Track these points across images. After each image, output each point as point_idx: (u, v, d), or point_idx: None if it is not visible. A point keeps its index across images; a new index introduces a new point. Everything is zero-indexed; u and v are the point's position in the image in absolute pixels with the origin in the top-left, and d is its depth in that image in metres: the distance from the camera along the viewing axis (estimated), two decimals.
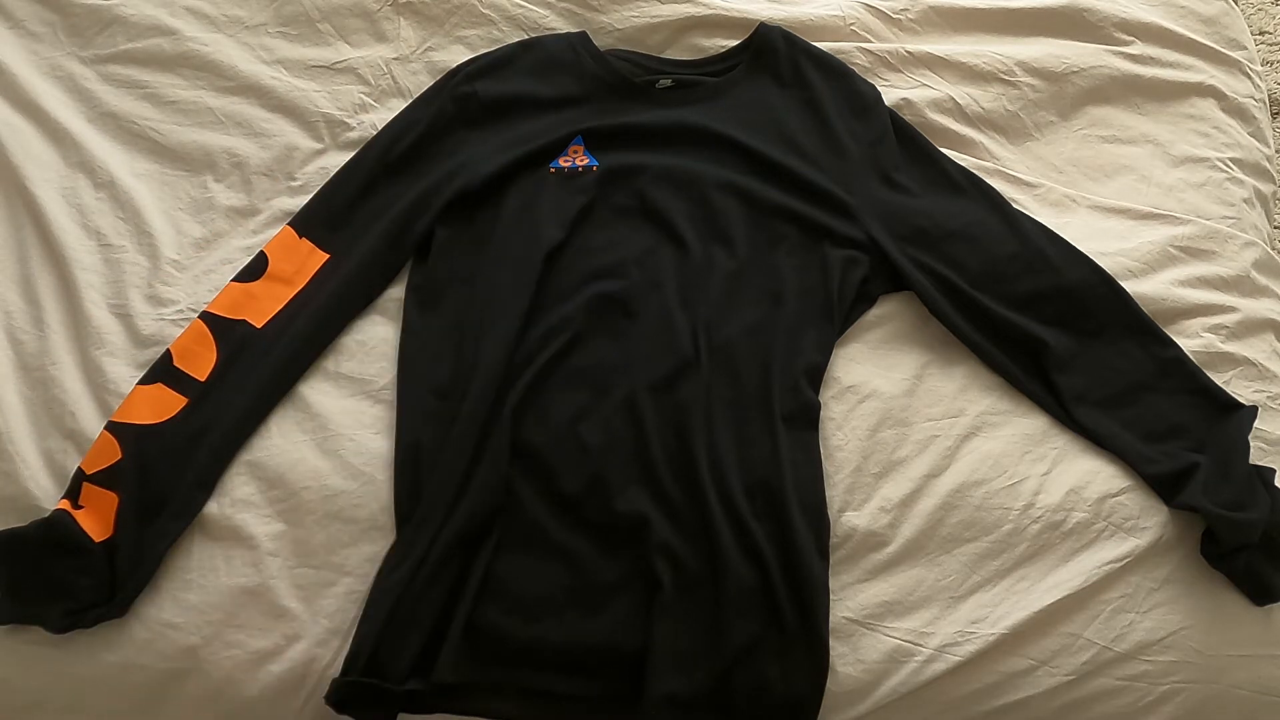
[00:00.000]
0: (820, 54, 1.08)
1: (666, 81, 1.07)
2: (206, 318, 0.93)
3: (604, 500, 0.85)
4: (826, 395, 0.92)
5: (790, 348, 0.91)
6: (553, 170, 1.00)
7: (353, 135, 1.06)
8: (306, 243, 0.98)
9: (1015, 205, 1.02)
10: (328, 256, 0.97)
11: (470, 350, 0.91)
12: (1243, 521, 0.83)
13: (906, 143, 1.04)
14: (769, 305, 0.93)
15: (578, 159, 1.00)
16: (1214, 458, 0.88)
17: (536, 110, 1.04)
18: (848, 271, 0.95)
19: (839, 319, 0.94)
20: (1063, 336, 0.93)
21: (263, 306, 0.94)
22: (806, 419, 0.89)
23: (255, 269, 0.96)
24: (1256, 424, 0.91)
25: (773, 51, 1.08)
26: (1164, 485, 0.88)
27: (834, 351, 0.94)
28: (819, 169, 1.00)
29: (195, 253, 1.00)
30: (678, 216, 0.97)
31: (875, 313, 0.97)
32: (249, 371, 0.91)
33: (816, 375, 0.92)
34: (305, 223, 0.99)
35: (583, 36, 1.09)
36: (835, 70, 1.07)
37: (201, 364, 0.90)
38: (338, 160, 1.04)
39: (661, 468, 0.86)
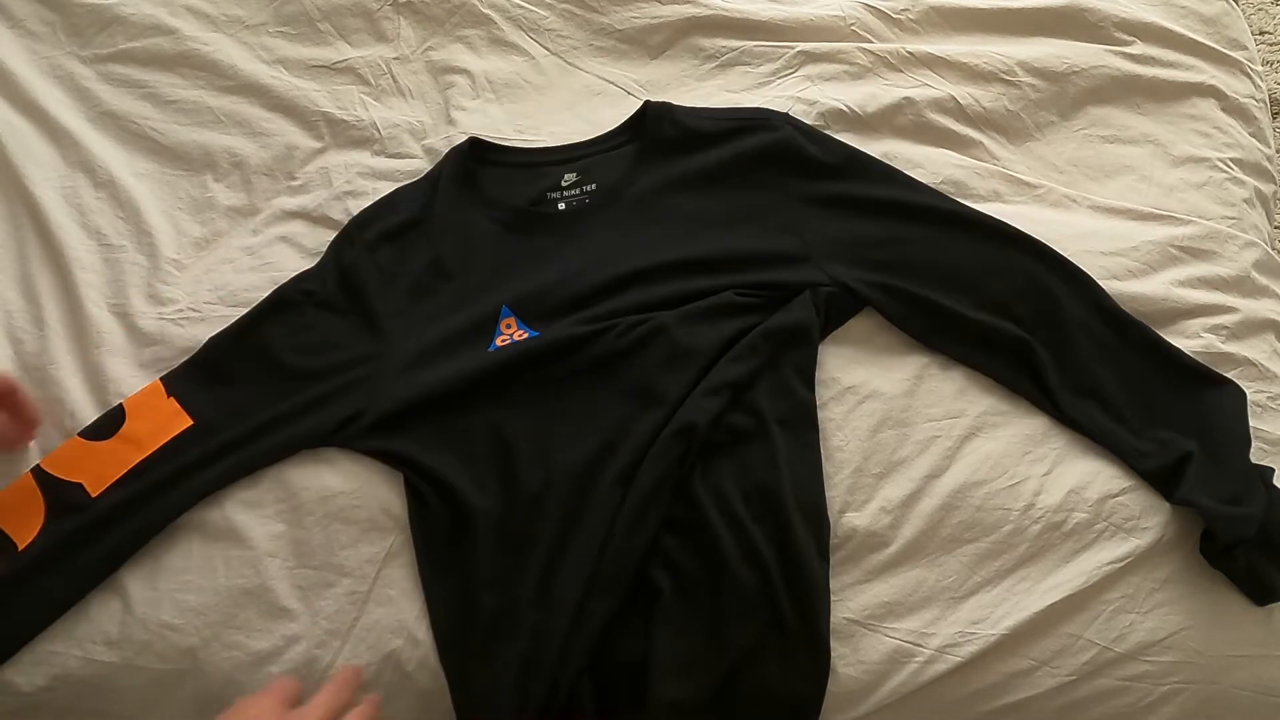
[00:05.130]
0: (712, 115, 1.03)
1: (565, 196, 0.99)
2: (38, 474, 0.85)
3: None
4: (826, 396, 0.92)
5: (776, 373, 0.90)
6: (490, 353, 0.90)
7: (353, 134, 1.06)
8: (173, 401, 0.88)
9: (1015, 205, 1.02)
10: (191, 423, 0.87)
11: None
12: (1239, 517, 0.82)
13: (845, 161, 1.00)
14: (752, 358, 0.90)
15: (515, 333, 0.91)
16: (1205, 445, 0.88)
17: (441, 278, 0.95)
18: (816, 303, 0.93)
19: (818, 337, 0.93)
20: (1043, 332, 0.93)
21: (103, 471, 0.84)
22: (804, 417, 0.89)
23: (108, 426, 0.87)
24: (1256, 424, 0.91)
25: (664, 130, 1.02)
26: (1161, 480, 0.88)
27: (834, 352, 0.94)
28: (760, 227, 0.96)
29: (195, 252, 1.00)
30: (649, 378, 0.89)
31: (875, 314, 0.97)
32: (70, 550, 0.83)
33: (807, 372, 0.91)
34: (179, 378, 0.90)
35: (462, 153, 1.01)
36: (735, 126, 1.01)
37: (25, 527, 0.83)
38: (338, 159, 1.04)
39: None
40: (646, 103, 1.04)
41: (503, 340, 0.90)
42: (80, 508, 0.84)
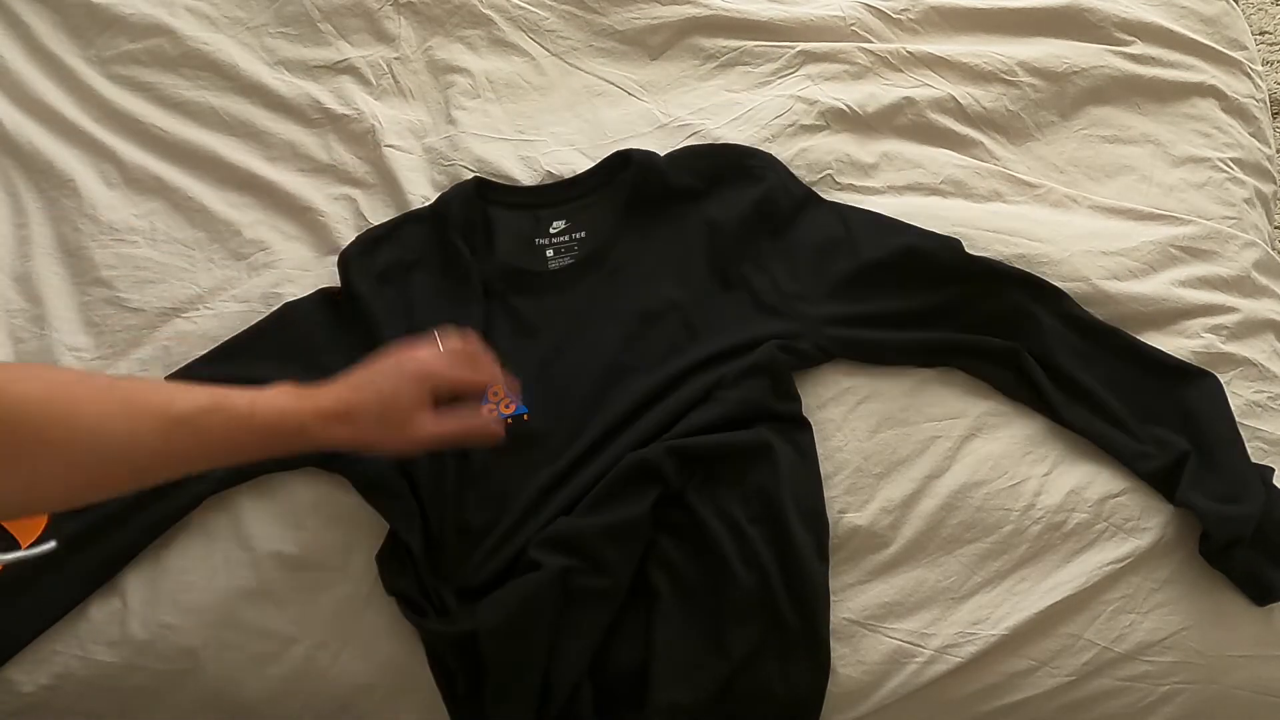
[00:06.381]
0: (693, 163, 1.01)
1: (554, 243, 0.98)
2: None
3: None
4: (826, 396, 0.92)
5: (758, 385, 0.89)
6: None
7: (354, 132, 1.06)
8: None
9: (1016, 205, 1.02)
10: None
11: None
12: (1235, 516, 0.83)
13: (819, 217, 0.99)
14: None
15: (503, 402, 0.88)
16: (1195, 442, 0.88)
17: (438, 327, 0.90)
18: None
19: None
20: (1027, 347, 0.92)
21: None
22: (794, 420, 0.89)
23: None
24: (1257, 424, 0.91)
25: (649, 185, 0.99)
26: (1161, 482, 0.88)
27: None
28: (748, 307, 0.94)
29: (199, 250, 1.00)
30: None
31: None
32: (73, 550, 0.82)
33: (785, 385, 0.90)
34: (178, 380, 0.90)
35: (466, 197, 0.98)
36: (715, 173, 1.00)
37: (29, 527, 0.83)
38: (339, 158, 1.04)
39: None
40: (633, 152, 1.00)
41: (489, 409, 0.87)
42: (84, 508, 0.84)
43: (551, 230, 0.99)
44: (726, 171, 1.00)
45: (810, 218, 0.98)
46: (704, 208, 0.98)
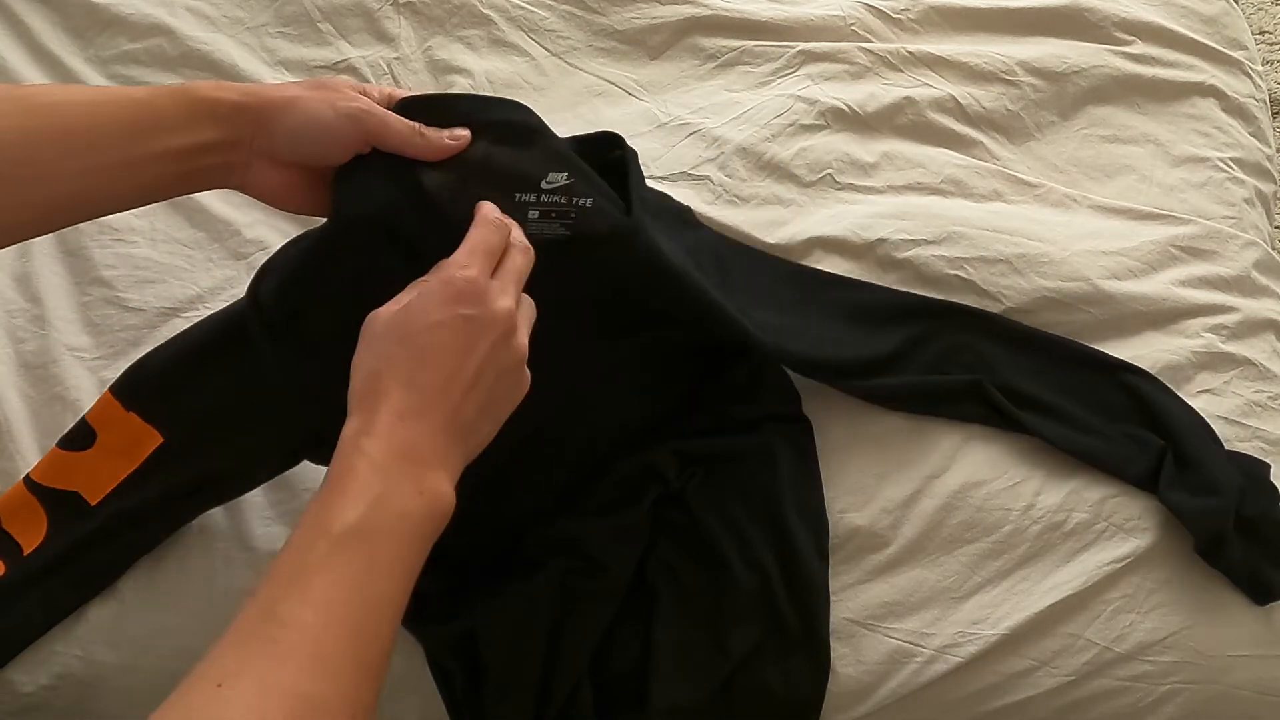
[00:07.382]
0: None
1: (543, 202, 0.76)
2: (31, 485, 0.82)
3: None
4: (827, 395, 0.92)
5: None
6: None
7: None
8: (135, 417, 0.80)
9: (1016, 205, 1.02)
10: (161, 440, 0.80)
11: None
12: (1209, 509, 0.83)
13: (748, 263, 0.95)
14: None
15: None
16: (1165, 438, 0.88)
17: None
18: None
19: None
20: (982, 374, 0.91)
21: (96, 479, 0.81)
22: (793, 419, 0.89)
23: (82, 439, 0.81)
24: (1257, 424, 0.91)
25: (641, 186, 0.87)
26: (1149, 483, 0.87)
27: None
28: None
29: (198, 249, 1.00)
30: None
31: None
32: (74, 557, 0.81)
33: (783, 378, 0.90)
34: (132, 391, 0.81)
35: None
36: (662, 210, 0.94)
37: (30, 532, 0.81)
38: None
39: None
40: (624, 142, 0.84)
41: None
42: (84, 513, 0.83)
43: (544, 186, 0.73)
44: (667, 211, 0.95)
45: (744, 270, 0.94)
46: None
